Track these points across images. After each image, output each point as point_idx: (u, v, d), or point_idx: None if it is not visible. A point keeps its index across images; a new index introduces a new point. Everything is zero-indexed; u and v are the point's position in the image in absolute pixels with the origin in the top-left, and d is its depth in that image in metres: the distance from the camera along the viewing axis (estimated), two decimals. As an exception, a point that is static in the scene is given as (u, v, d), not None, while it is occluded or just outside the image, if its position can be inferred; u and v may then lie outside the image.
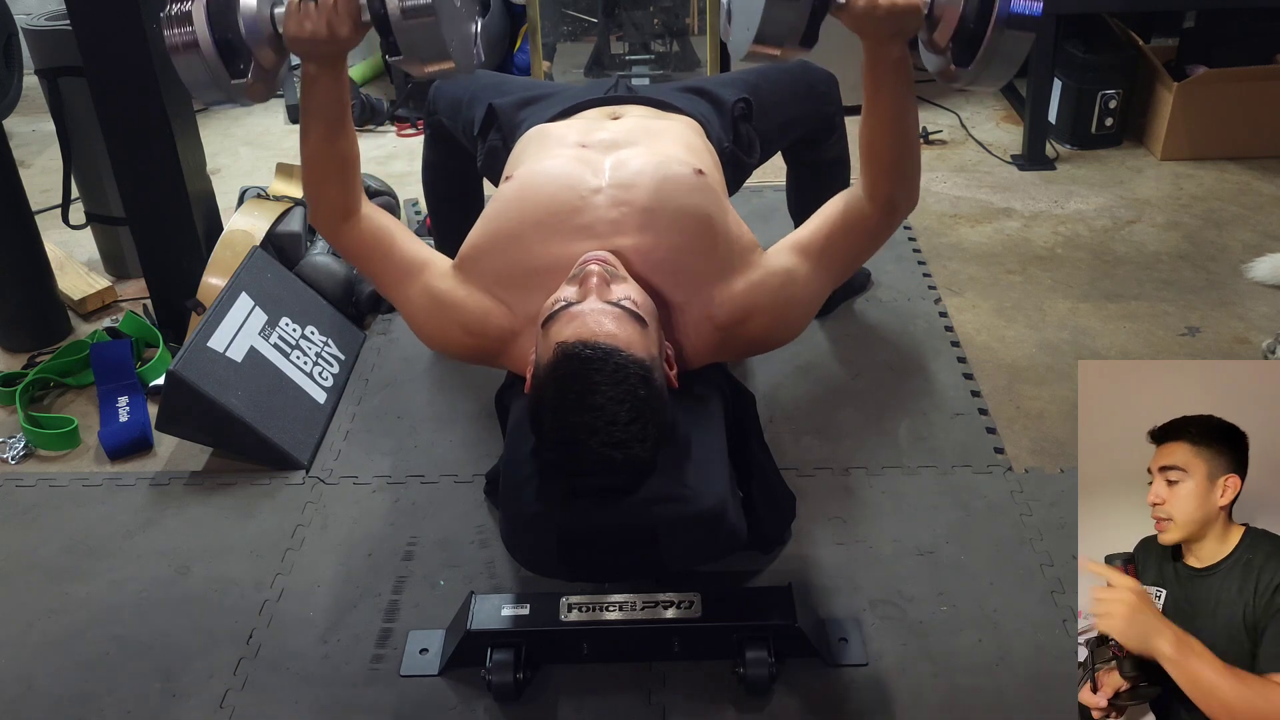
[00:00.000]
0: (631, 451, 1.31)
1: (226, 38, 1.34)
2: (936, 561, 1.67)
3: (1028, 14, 1.27)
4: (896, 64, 1.41)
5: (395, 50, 1.33)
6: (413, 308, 1.59)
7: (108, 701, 1.50)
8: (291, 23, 1.36)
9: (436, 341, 1.60)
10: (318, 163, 1.54)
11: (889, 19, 1.34)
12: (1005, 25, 1.28)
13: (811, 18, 1.30)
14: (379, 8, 1.31)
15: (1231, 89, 2.98)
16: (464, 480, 1.90)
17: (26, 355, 2.33)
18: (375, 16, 1.32)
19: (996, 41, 1.29)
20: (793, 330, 1.58)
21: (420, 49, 1.32)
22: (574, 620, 1.49)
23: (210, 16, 1.33)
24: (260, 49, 1.38)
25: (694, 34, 3.53)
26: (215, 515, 1.85)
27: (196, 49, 1.33)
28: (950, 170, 3.06)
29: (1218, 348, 2.22)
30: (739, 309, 1.51)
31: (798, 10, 1.28)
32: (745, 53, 1.37)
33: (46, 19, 2.43)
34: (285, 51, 1.42)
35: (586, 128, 1.73)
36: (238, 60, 1.36)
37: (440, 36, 1.31)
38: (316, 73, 1.45)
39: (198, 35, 1.33)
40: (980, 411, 2.02)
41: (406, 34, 1.31)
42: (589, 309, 1.35)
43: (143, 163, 2.14)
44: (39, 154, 3.45)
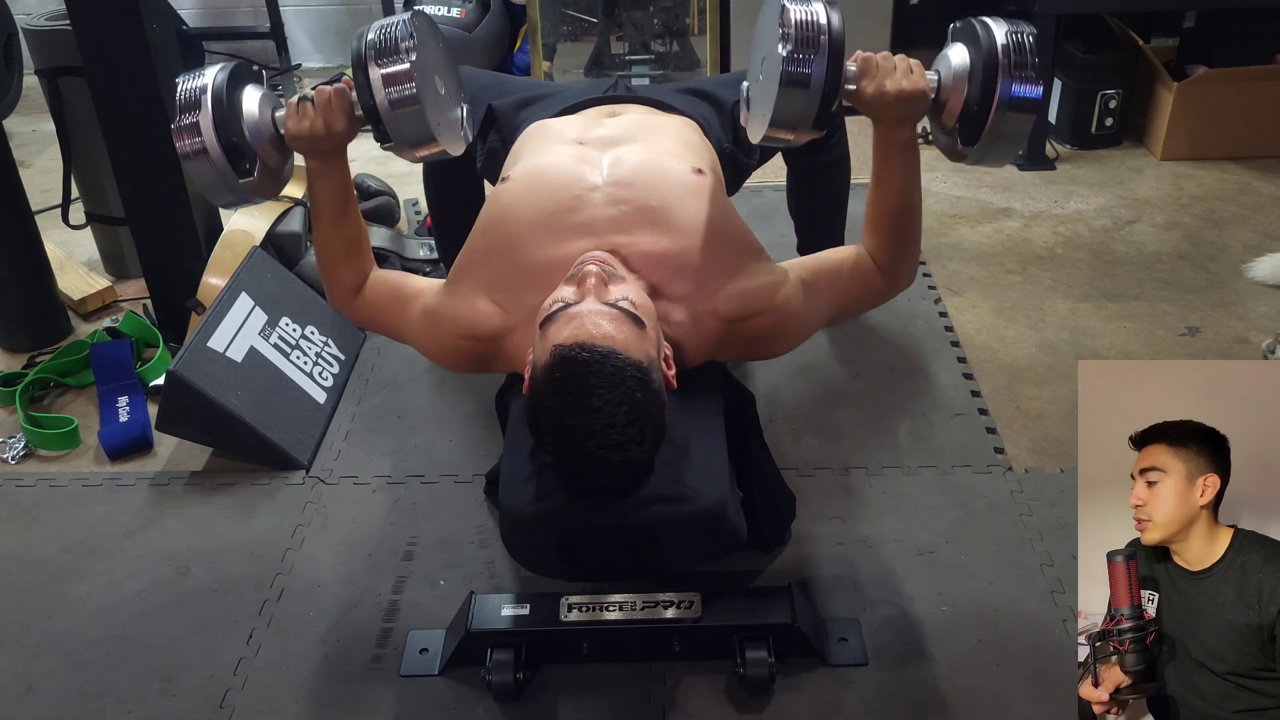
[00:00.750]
0: (629, 454, 1.31)
1: (232, 140, 1.44)
2: (936, 561, 1.67)
3: (1028, 97, 1.35)
4: (905, 146, 1.47)
5: (386, 138, 1.44)
6: (415, 334, 1.59)
7: (108, 701, 1.50)
8: (291, 122, 1.47)
9: (441, 356, 1.59)
10: (329, 249, 1.60)
11: (898, 104, 1.41)
12: (1006, 109, 1.36)
13: (822, 104, 1.35)
14: (369, 101, 1.40)
15: (1231, 89, 2.98)
16: (464, 480, 1.90)
17: (26, 355, 2.33)
18: (366, 109, 1.42)
19: (999, 124, 1.38)
20: (788, 341, 1.57)
21: (409, 135, 1.43)
22: (574, 620, 1.49)
23: (216, 125, 1.42)
24: (264, 150, 1.48)
25: (694, 34, 3.53)
26: (215, 515, 1.85)
27: (205, 155, 1.43)
28: (950, 170, 3.06)
29: (1218, 348, 2.22)
30: (745, 305, 1.50)
31: (809, 98, 1.34)
32: (761, 136, 1.43)
33: (46, 19, 2.43)
34: (288, 151, 1.52)
35: (585, 124, 1.73)
36: (244, 160, 1.46)
37: (426, 123, 1.42)
38: (318, 167, 1.53)
39: (205, 143, 1.42)
40: (980, 411, 2.02)
41: (395, 123, 1.41)
42: (586, 310, 1.34)
43: (143, 163, 2.14)
44: (39, 154, 3.45)
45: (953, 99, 1.42)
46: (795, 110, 1.35)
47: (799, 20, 1.32)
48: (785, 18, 1.32)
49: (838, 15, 1.34)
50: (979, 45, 1.39)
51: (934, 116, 1.48)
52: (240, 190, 1.48)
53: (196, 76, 1.45)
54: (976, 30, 1.40)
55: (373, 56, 1.39)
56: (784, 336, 1.56)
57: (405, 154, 1.47)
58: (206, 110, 1.42)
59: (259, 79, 1.53)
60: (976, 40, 1.40)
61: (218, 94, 1.43)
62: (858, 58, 1.42)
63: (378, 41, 1.40)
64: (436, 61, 1.51)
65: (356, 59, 1.41)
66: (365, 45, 1.41)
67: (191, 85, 1.44)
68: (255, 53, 4.12)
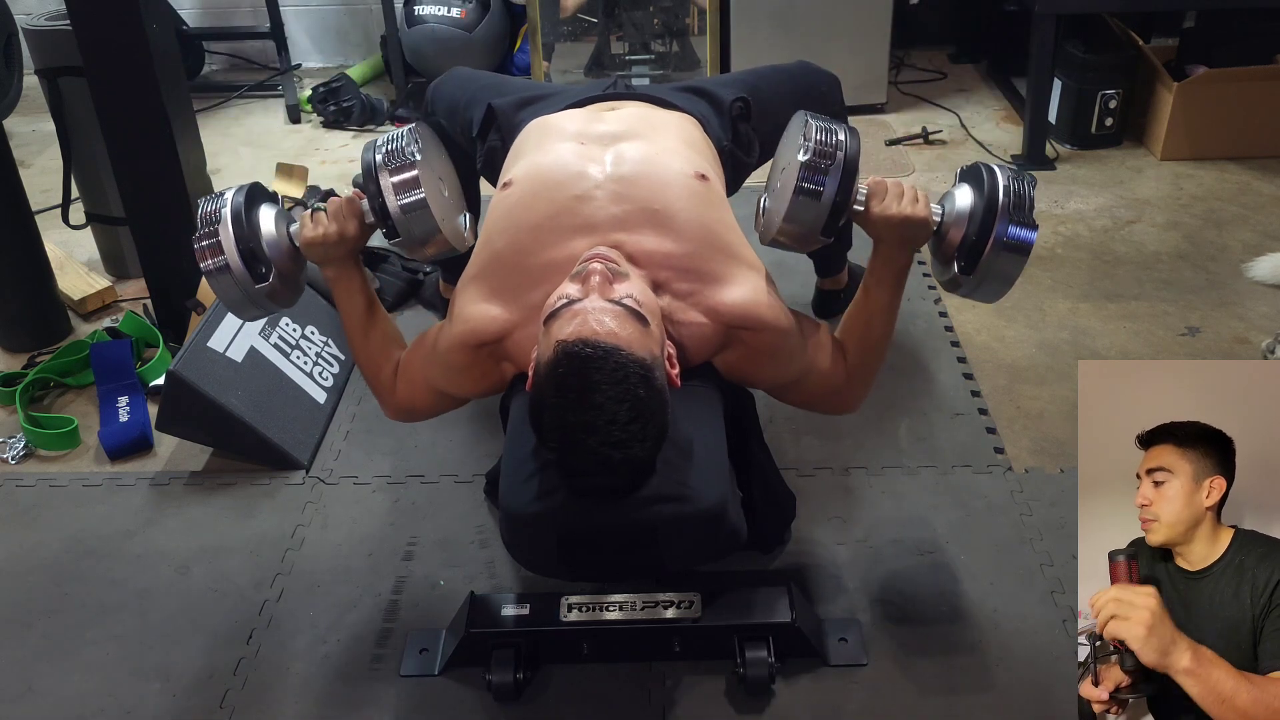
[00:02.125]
0: (631, 451, 1.30)
1: (250, 249, 1.52)
2: (936, 561, 1.67)
3: (1021, 240, 1.44)
4: (899, 272, 1.53)
5: (395, 234, 1.53)
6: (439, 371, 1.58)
7: (108, 701, 1.50)
8: (305, 230, 1.54)
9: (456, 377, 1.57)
10: (366, 353, 1.64)
11: (903, 227, 1.47)
12: (1002, 248, 1.44)
13: (831, 215, 1.45)
14: (379, 206, 1.51)
15: (1231, 89, 2.98)
16: (464, 480, 1.90)
17: (26, 355, 2.33)
18: (377, 213, 1.52)
19: (992, 261, 1.46)
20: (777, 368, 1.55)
21: (417, 235, 1.53)
22: (574, 620, 1.49)
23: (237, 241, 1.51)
24: (281, 261, 1.56)
25: (694, 34, 3.53)
26: (215, 515, 1.85)
27: (228, 271, 1.51)
28: (950, 170, 3.06)
29: (1218, 348, 2.22)
30: (746, 311, 1.49)
31: (820, 209, 1.44)
32: (770, 239, 1.53)
33: (46, 19, 2.43)
34: (303, 260, 1.60)
35: (586, 120, 1.72)
36: (259, 266, 1.54)
37: (434, 223, 1.52)
38: (336, 275, 1.59)
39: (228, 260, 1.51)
40: (980, 411, 2.02)
41: (405, 224, 1.51)
42: (590, 307, 1.34)
43: (143, 163, 2.14)
44: (39, 154, 3.45)
45: (953, 232, 1.49)
46: (807, 217, 1.45)
47: (819, 137, 1.43)
48: (807, 131, 1.44)
49: (855, 140, 1.46)
50: (982, 187, 1.47)
51: (935, 246, 1.55)
52: (258, 298, 1.54)
53: (214, 199, 1.55)
54: (982, 174, 1.48)
55: (383, 164, 1.50)
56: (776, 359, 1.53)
57: (413, 253, 1.57)
58: (228, 229, 1.51)
59: (274, 199, 1.62)
60: (980, 182, 1.48)
61: (236, 213, 1.52)
62: (870, 181, 1.49)
63: (387, 151, 1.51)
64: (440, 169, 1.62)
65: (367, 169, 1.51)
66: (376, 154, 1.51)
67: (211, 206, 1.53)
68: (255, 53, 4.12)
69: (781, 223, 1.47)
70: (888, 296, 1.55)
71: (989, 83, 3.71)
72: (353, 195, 1.56)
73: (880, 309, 1.56)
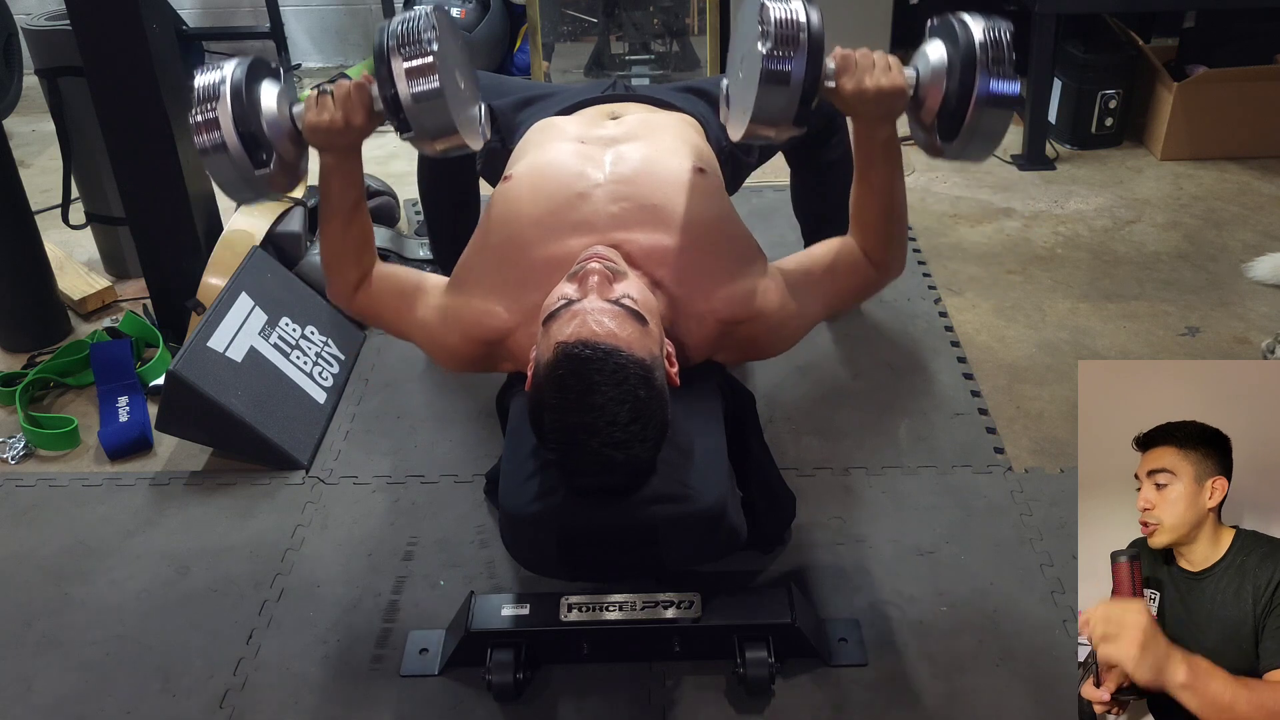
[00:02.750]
0: (632, 451, 1.31)
1: (250, 132, 1.43)
2: (936, 561, 1.67)
3: (1005, 94, 1.36)
4: (886, 143, 1.48)
5: (407, 128, 1.43)
6: (420, 333, 1.60)
7: (108, 701, 1.50)
8: (310, 115, 1.46)
9: (445, 356, 1.60)
10: (337, 247, 1.60)
11: (877, 100, 1.41)
12: (985, 105, 1.37)
13: (802, 101, 1.36)
14: (390, 94, 1.40)
15: (1231, 89, 2.98)
16: (464, 480, 1.90)
17: (26, 355, 2.33)
18: (387, 101, 1.41)
19: (977, 120, 1.38)
20: (785, 342, 1.58)
21: (430, 128, 1.43)
22: (574, 620, 1.49)
23: (235, 119, 1.41)
24: (281, 144, 1.47)
25: (694, 34, 3.52)
26: (215, 515, 1.85)
27: (224, 150, 1.42)
28: (950, 170, 3.06)
29: (1218, 348, 2.22)
30: (744, 308, 1.51)
31: (789, 95, 1.35)
32: (742, 134, 1.43)
33: (46, 19, 2.43)
34: (305, 145, 1.51)
35: (587, 124, 1.73)
36: (260, 152, 1.45)
37: (449, 115, 1.41)
38: (334, 163, 1.52)
39: (225, 137, 1.41)
40: (980, 411, 2.02)
41: (417, 116, 1.41)
42: (590, 307, 1.34)
43: (143, 163, 2.14)
44: (39, 154, 3.45)
45: (931, 95, 1.42)
46: (775, 107, 1.36)
47: (779, 18, 1.33)
48: (765, 15, 1.33)
49: (816, 13, 1.35)
50: (956, 42, 1.39)
51: (913, 113, 1.47)
52: (257, 184, 1.46)
53: (214, 70, 1.44)
54: (954, 27, 1.40)
55: (395, 49, 1.39)
56: (780, 339, 1.57)
57: (425, 146, 1.47)
58: (225, 104, 1.40)
59: (276, 74, 1.52)
60: (954, 37, 1.39)
61: (236, 88, 1.42)
62: (836, 55, 1.41)
63: (401, 34, 1.39)
64: (456, 58, 1.50)
65: (379, 52, 1.41)
66: (388, 38, 1.40)
67: (209, 80, 1.42)
68: (255, 53, 4.11)
69: (751, 116, 1.38)
70: (884, 171, 1.50)
71: (989, 83, 3.70)
72: (362, 80, 1.46)
73: (880, 187, 1.51)
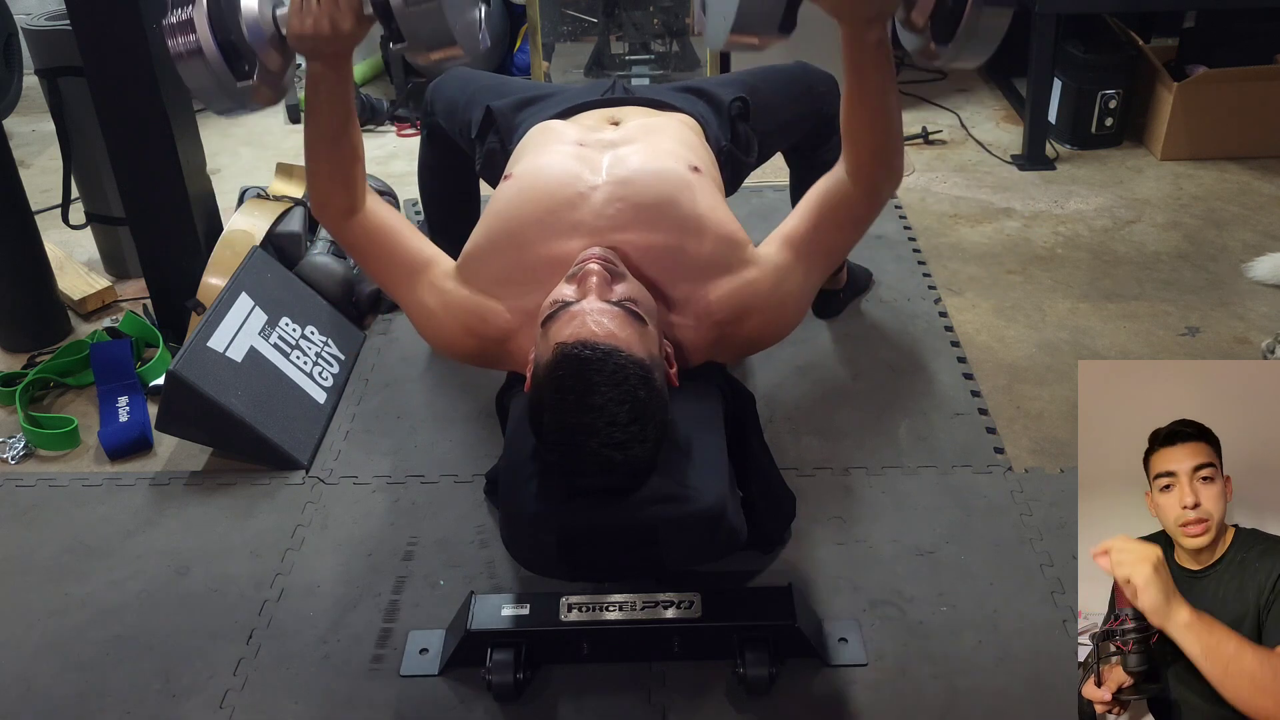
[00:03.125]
0: (631, 452, 1.31)
1: (230, 40, 1.33)
2: (936, 561, 1.67)
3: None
4: (876, 47, 1.37)
5: (399, 38, 1.31)
6: (416, 309, 1.59)
7: (108, 701, 1.50)
8: (294, 20, 1.35)
9: (439, 343, 1.61)
10: (322, 162, 1.54)
11: (866, 0, 1.32)
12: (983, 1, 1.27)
13: (789, 2, 1.27)
14: None
15: (1231, 89, 2.98)
16: (464, 480, 1.90)
17: (26, 355, 2.33)
18: (377, 6, 1.30)
19: (975, 19, 1.27)
20: (786, 327, 1.58)
21: (424, 36, 1.30)
22: (574, 620, 1.49)
23: (212, 21, 1.31)
24: (264, 51, 1.36)
25: (694, 34, 3.52)
26: (215, 515, 1.85)
27: (200, 55, 1.32)
28: (950, 170, 3.06)
29: (1218, 348, 2.22)
30: (736, 306, 1.51)
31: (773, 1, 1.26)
32: (723, 43, 1.34)
33: (46, 19, 2.43)
34: (290, 53, 1.42)
35: (588, 128, 1.73)
36: (242, 63, 1.35)
37: (445, 20, 1.29)
38: (321, 72, 1.44)
39: (200, 41, 1.31)
40: (980, 411, 2.02)
41: (410, 21, 1.29)
42: (589, 308, 1.34)
43: (143, 163, 2.14)
44: (39, 154, 3.45)
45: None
46: (760, 10, 1.27)
47: None
48: None
49: None
50: None
51: (903, 15, 1.37)
52: (238, 95, 1.37)
53: None
54: None
55: None
56: (779, 328, 1.58)
57: (419, 58, 1.36)
58: (201, 5, 1.30)
59: None
60: None
61: None
62: None
63: None
64: None
65: None
66: None
67: None
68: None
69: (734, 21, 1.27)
70: (875, 79, 1.40)
71: (989, 83, 3.71)
72: None
73: (874, 97, 1.42)
